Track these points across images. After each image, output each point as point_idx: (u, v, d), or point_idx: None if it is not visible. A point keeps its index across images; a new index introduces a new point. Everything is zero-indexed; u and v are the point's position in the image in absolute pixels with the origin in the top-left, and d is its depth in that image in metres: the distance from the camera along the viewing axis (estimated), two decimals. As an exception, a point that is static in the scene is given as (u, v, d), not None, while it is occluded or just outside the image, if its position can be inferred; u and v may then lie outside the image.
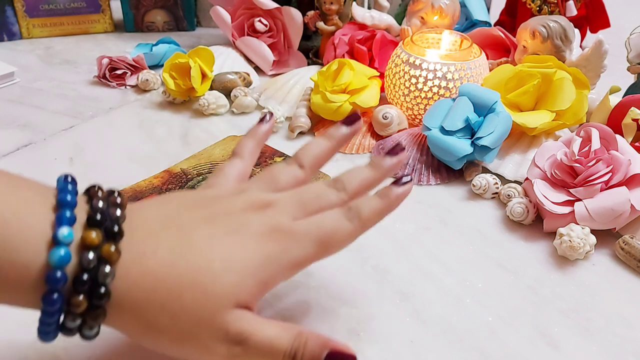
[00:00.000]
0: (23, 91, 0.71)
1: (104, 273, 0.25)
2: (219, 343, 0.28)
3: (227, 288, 0.28)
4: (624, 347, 0.38)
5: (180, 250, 0.28)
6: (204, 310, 0.27)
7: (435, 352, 0.37)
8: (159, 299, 0.27)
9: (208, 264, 0.28)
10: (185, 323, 0.27)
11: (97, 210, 0.26)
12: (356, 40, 0.69)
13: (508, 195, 0.51)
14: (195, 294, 0.27)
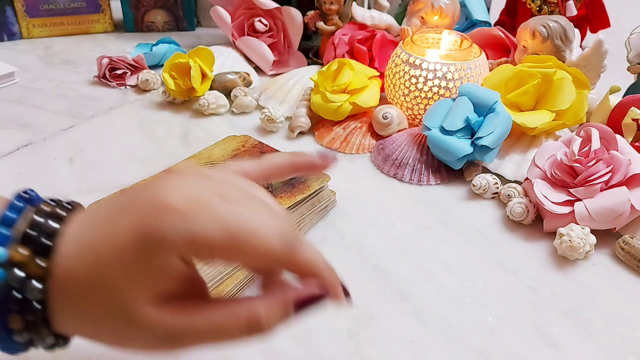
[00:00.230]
0: (23, 91, 0.71)
1: (32, 289, 0.25)
2: (153, 341, 0.26)
3: (123, 285, 0.26)
4: (624, 347, 0.38)
5: (88, 245, 0.26)
6: (116, 310, 0.26)
7: (435, 352, 0.37)
8: (77, 303, 0.26)
9: (98, 259, 0.26)
10: (107, 324, 0.27)
11: (34, 224, 0.26)
12: (356, 40, 0.69)
13: (508, 195, 0.51)
14: (101, 294, 0.26)
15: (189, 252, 0.26)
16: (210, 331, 0.27)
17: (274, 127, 0.62)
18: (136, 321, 0.26)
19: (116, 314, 0.26)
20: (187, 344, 0.27)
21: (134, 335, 0.26)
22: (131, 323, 0.26)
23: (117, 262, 0.25)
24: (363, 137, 0.60)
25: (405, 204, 0.52)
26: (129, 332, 0.26)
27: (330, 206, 0.50)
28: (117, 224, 0.26)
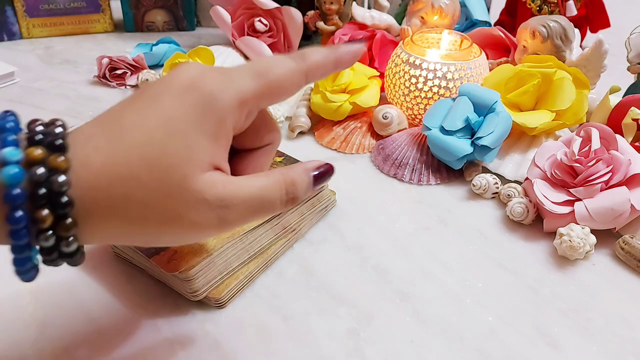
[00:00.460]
0: (23, 91, 0.71)
1: (58, 182, 0.25)
2: (204, 214, 0.26)
3: (180, 154, 0.26)
4: (624, 347, 0.38)
5: (118, 135, 0.26)
6: (170, 186, 0.26)
7: (435, 352, 0.37)
8: (120, 193, 0.25)
9: (149, 137, 0.26)
10: (158, 206, 0.26)
11: (36, 132, 0.26)
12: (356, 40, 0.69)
13: (508, 195, 0.51)
14: (152, 173, 0.26)
15: (242, 110, 0.28)
16: (257, 197, 0.28)
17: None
18: (191, 193, 0.26)
19: (169, 192, 0.26)
20: (235, 214, 0.27)
21: (184, 213, 0.26)
22: (184, 198, 0.26)
23: (174, 136, 0.26)
24: (363, 137, 0.60)
25: (405, 204, 0.52)
26: (180, 210, 0.26)
27: (330, 206, 0.50)
28: (158, 105, 0.27)
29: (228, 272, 0.41)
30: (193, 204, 0.26)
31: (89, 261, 0.43)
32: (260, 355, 0.37)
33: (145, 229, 0.27)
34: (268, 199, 0.28)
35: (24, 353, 0.36)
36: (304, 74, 0.30)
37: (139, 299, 0.40)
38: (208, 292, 0.39)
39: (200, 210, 0.26)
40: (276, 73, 0.29)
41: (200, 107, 0.27)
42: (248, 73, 0.28)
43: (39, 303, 0.39)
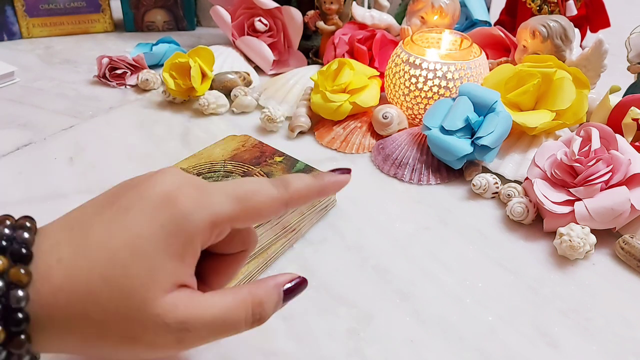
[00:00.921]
0: (23, 91, 0.71)
1: (16, 297, 0.24)
2: (163, 337, 0.26)
3: (142, 276, 0.25)
4: (624, 346, 0.38)
5: (82, 249, 0.25)
6: (129, 310, 0.25)
7: (435, 351, 0.37)
8: (77, 313, 0.25)
9: (112, 256, 0.25)
10: (116, 327, 0.25)
11: (2, 237, 0.25)
12: (356, 39, 0.69)
13: (508, 195, 0.51)
14: (112, 294, 0.25)
15: (213, 230, 0.27)
16: (220, 319, 0.27)
17: (274, 127, 0.62)
18: (150, 318, 0.25)
19: (127, 315, 0.25)
20: (195, 335, 0.26)
21: (141, 336, 0.26)
22: (143, 322, 0.25)
23: (138, 257, 0.25)
24: (363, 136, 0.60)
25: (405, 203, 0.52)
26: (137, 332, 0.25)
27: (330, 206, 0.50)
28: (127, 220, 0.26)
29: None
30: (152, 327, 0.25)
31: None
32: (260, 355, 0.37)
33: (101, 347, 0.26)
34: (231, 321, 0.27)
35: (24, 353, 0.36)
36: (285, 203, 0.29)
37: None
38: None
39: (159, 333, 0.26)
40: (256, 200, 0.28)
41: (169, 227, 0.26)
42: (228, 196, 0.27)
43: (39, 303, 0.39)
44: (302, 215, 0.46)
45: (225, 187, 0.28)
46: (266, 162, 0.48)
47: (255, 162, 0.48)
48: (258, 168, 0.47)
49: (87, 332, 0.25)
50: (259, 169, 0.47)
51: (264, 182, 0.29)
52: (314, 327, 0.39)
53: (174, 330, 0.26)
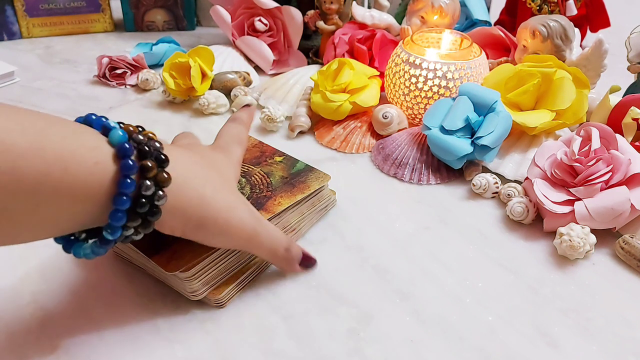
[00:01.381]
0: (23, 90, 0.71)
1: (155, 145, 0.32)
2: (247, 221, 0.37)
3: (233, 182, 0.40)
4: (624, 346, 0.38)
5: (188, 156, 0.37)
6: (234, 192, 0.38)
7: (435, 351, 0.37)
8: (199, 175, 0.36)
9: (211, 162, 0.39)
10: (225, 197, 0.36)
11: (141, 143, 0.32)
12: (356, 39, 0.69)
13: (508, 195, 0.51)
14: (217, 174, 0.37)
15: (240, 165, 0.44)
16: (273, 236, 0.39)
17: (274, 127, 0.62)
18: (246, 203, 0.38)
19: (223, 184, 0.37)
20: (263, 235, 0.38)
21: (238, 213, 0.37)
22: (242, 204, 0.38)
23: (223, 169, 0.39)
24: (363, 136, 0.60)
25: (405, 203, 0.52)
26: (237, 208, 0.37)
27: (330, 205, 0.50)
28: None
29: (228, 272, 0.41)
30: (242, 209, 0.37)
31: (89, 261, 0.43)
32: (260, 355, 0.37)
33: (193, 220, 0.34)
34: (276, 243, 0.40)
35: (24, 353, 0.36)
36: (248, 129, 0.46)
37: (139, 299, 0.40)
38: (208, 292, 0.39)
39: (245, 219, 0.37)
40: (244, 139, 0.45)
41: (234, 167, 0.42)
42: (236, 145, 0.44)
43: (39, 303, 0.39)
44: (302, 215, 0.46)
45: (232, 139, 0.44)
46: (266, 161, 0.48)
47: (256, 162, 0.48)
48: (258, 168, 0.47)
49: (197, 209, 0.34)
50: (259, 168, 0.47)
51: (236, 126, 0.45)
52: (314, 327, 0.39)
53: (253, 223, 0.37)
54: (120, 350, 0.36)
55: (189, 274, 0.38)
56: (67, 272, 0.42)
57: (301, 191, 0.46)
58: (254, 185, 0.45)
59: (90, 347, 0.37)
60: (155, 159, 0.31)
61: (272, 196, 0.44)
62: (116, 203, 0.30)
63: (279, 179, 0.46)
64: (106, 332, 0.38)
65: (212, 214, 0.35)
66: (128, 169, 0.30)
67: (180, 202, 0.33)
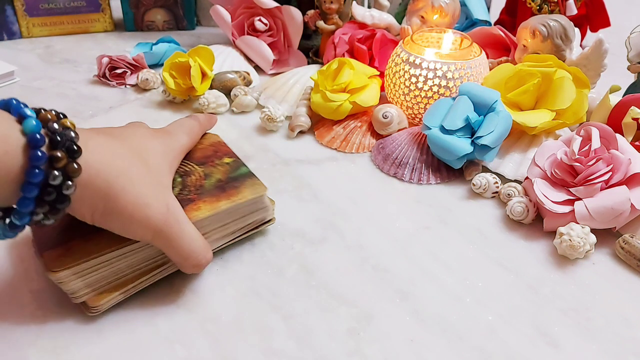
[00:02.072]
0: (23, 90, 0.71)
1: (69, 135, 0.32)
2: (160, 211, 0.36)
3: (162, 170, 0.39)
4: (624, 346, 0.38)
5: (109, 137, 0.37)
6: (153, 186, 0.37)
7: (435, 351, 0.37)
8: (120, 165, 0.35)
9: (131, 144, 0.38)
10: (141, 185, 0.35)
11: (54, 132, 0.31)
12: (356, 39, 0.69)
13: (508, 195, 0.51)
14: (140, 160, 0.37)
15: (183, 154, 0.45)
16: (190, 238, 0.38)
17: (274, 127, 0.62)
18: (164, 192, 0.37)
19: (154, 181, 0.37)
20: (175, 231, 0.37)
21: (150, 202, 0.36)
22: (161, 191, 0.37)
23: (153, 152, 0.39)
24: (363, 136, 0.60)
25: (405, 203, 0.52)
26: (149, 197, 0.36)
27: (265, 224, 0.45)
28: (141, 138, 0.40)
29: (116, 278, 0.38)
30: (160, 198, 0.37)
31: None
32: (260, 355, 0.37)
33: (104, 208, 0.34)
34: (193, 249, 0.39)
35: (23, 353, 0.36)
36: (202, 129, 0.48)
37: (139, 299, 0.40)
38: (89, 297, 0.38)
39: (159, 209, 0.36)
40: (195, 131, 0.46)
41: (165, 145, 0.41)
42: (184, 133, 0.45)
43: (38, 303, 0.39)
44: (224, 225, 0.42)
45: (182, 128, 0.45)
46: (213, 162, 0.45)
47: (202, 162, 0.45)
48: (202, 168, 0.44)
49: (107, 190, 0.34)
50: (202, 169, 0.44)
51: (191, 120, 0.47)
52: (314, 327, 0.39)
53: (166, 214, 0.37)
54: (120, 350, 0.36)
55: (58, 276, 0.36)
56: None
57: (228, 198, 0.41)
58: (185, 186, 0.42)
59: (90, 347, 0.37)
60: (67, 150, 0.31)
61: (195, 200, 0.41)
62: (24, 190, 0.30)
63: (214, 182, 0.43)
64: (106, 332, 0.38)
65: (118, 207, 0.34)
66: (37, 160, 0.30)
67: (89, 192, 0.33)
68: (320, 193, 0.53)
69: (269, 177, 0.54)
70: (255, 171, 0.45)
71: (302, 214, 0.50)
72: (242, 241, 0.46)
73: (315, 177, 0.55)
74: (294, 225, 0.48)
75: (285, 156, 0.58)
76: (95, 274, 0.37)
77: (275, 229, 0.48)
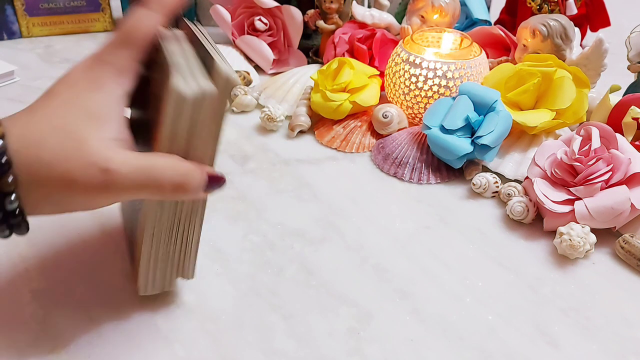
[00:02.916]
0: (23, 90, 0.71)
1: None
2: (93, 176, 0.30)
3: (80, 124, 0.30)
4: (624, 345, 0.38)
5: (30, 113, 0.31)
6: (70, 149, 0.30)
7: (435, 350, 0.37)
8: (33, 154, 0.29)
9: (53, 111, 0.31)
10: (60, 168, 0.29)
11: None
12: (356, 39, 0.69)
13: (508, 194, 0.51)
14: (57, 137, 0.30)
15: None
16: (145, 171, 0.31)
17: (274, 126, 0.62)
18: (85, 156, 0.30)
19: (68, 155, 0.30)
20: (120, 180, 0.30)
21: (78, 176, 0.30)
22: (79, 160, 0.30)
23: (74, 110, 0.31)
24: (363, 136, 0.60)
25: (405, 203, 0.52)
26: (76, 174, 0.30)
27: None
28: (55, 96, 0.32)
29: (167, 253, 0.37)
30: (85, 165, 0.30)
31: (89, 261, 0.43)
32: (260, 354, 0.37)
33: (53, 194, 0.30)
34: (155, 177, 0.31)
35: (23, 352, 0.36)
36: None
37: (139, 299, 0.40)
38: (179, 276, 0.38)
39: (90, 172, 0.30)
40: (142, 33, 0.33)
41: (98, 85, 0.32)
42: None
43: (38, 303, 0.39)
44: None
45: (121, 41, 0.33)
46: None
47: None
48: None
49: (41, 175, 0.29)
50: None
51: (146, 16, 0.33)
52: (314, 327, 0.39)
53: (101, 170, 0.30)
54: (120, 349, 0.36)
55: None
56: (67, 271, 0.42)
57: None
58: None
59: (90, 347, 0.37)
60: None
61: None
62: None
63: None
64: (106, 332, 0.38)
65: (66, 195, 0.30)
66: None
67: (37, 193, 0.30)
68: (320, 193, 0.53)
69: (269, 176, 0.54)
70: (255, 171, 0.45)
71: (302, 214, 0.50)
72: (242, 241, 0.46)
73: (315, 177, 0.55)
74: (294, 225, 0.48)
75: (285, 156, 0.58)
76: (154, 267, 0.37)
77: (275, 228, 0.48)
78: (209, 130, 0.33)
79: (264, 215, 0.49)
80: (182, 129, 0.31)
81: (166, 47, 0.32)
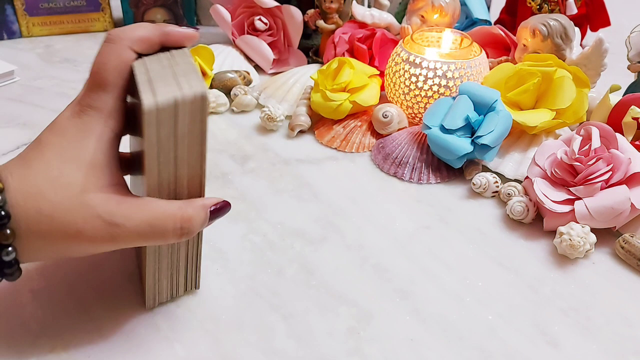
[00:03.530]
0: (23, 90, 0.71)
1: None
2: (99, 228, 0.30)
3: (78, 175, 0.31)
4: (624, 345, 0.38)
5: (24, 165, 0.31)
6: (70, 200, 0.30)
7: (435, 350, 0.37)
8: (33, 208, 0.30)
9: (47, 164, 0.31)
10: (62, 219, 0.30)
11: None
12: (356, 38, 0.69)
13: (508, 194, 0.51)
14: (55, 189, 0.30)
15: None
16: (148, 223, 0.31)
17: (274, 126, 0.62)
18: (87, 208, 0.30)
19: (69, 206, 0.30)
20: (125, 232, 0.31)
21: (82, 228, 0.30)
22: (81, 212, 0.30)
23: (71, 162, 0.31)
24: (363, 135, 0.60)
25: (405, 202, 0.52)
26: (79, 225, 0.30)
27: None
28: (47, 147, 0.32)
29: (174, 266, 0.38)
30: (89, 219, 0.30)
31: (89, 260, 0.43)
32: (260, 354, 0.37)
33: (55, 244, 0.31)
34: (159, 228, 0.32)
35: (23, 352, 0.36)
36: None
37: (139, 299, 0.40)
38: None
39: (95, 225, 0.30)
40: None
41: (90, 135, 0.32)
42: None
43: (38, 303, 0.39)
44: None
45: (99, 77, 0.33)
46: None
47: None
48: None
49: (42, 227, 0.30)
50: None
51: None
52: (314, 327, 0.39)
53: (106, 223, 0.30)
54: (120, 349, 0.36)
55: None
56: (67, 271, 0.42)
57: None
58: None
59: (90, 347, 0.37)
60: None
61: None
62: None
63: None
64: (106, 332, 0.38)
65: (68, 246, 0.31)
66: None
67: (35, 244, 0.31)
68: (320, 193, 0.53)
69: (269, 176, 0.54)
70: (255, 170, 0.45)
71: (302, 214, 0.50)
72: (242, 241, 0.46)
73: (315, 177, 0.55)
74: (294, 225, 0.48)
75: (285, 156, 0.58)
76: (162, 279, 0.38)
77: (275, 228, 0.48)
78: (191, 142, 0.32)
79: (264, 215, 0.49)
80: (164, 145, 0.31)
81: (135, 72, 0.31)
